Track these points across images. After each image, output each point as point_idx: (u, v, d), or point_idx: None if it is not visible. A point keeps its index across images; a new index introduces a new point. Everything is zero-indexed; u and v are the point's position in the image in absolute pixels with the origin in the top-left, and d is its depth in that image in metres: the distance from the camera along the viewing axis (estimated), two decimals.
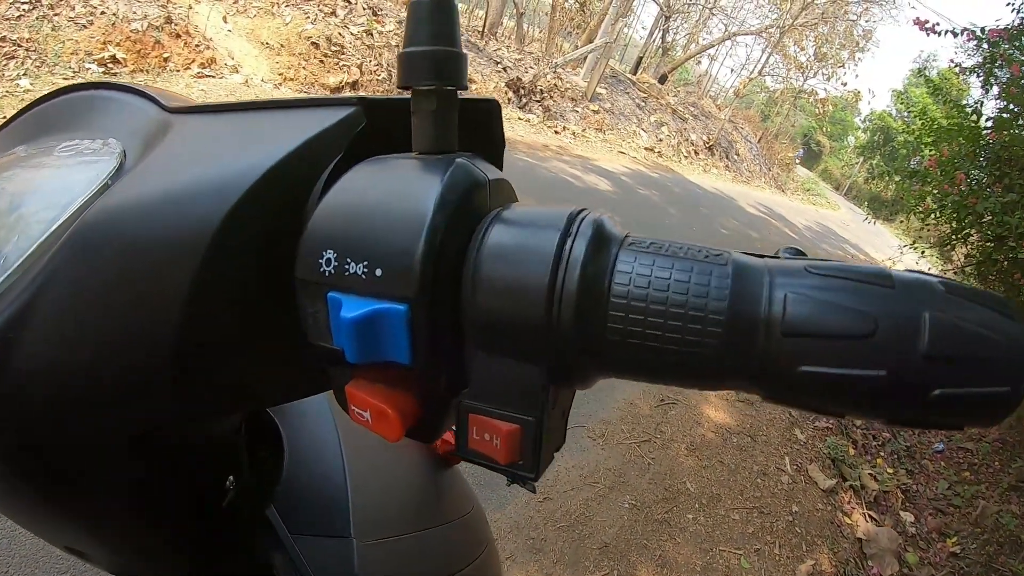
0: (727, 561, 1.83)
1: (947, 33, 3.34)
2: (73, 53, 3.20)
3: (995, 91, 3.29)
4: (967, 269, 3.55)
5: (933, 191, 3.49)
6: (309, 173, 0.24)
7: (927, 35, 3.30)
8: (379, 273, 0.21)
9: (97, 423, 0.25)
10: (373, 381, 0.24)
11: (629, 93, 11.21)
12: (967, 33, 3.20)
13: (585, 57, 9.88)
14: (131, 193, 0.24)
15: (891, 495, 2.51)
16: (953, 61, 3.63)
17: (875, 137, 28.24)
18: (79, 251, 0.23)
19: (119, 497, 0.28)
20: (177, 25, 3.78)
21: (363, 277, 0.22)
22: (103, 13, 3.45)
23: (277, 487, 0.38)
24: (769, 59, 17.45)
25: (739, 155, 14.68)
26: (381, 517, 0.43)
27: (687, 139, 12.03)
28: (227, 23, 4.34)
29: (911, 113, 3.98)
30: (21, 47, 2.98)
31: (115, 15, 3.48)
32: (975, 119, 3.32)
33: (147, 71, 3.50)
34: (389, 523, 0.43)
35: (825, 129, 30.75)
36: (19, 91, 2.77)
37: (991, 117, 3.25)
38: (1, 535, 1.10)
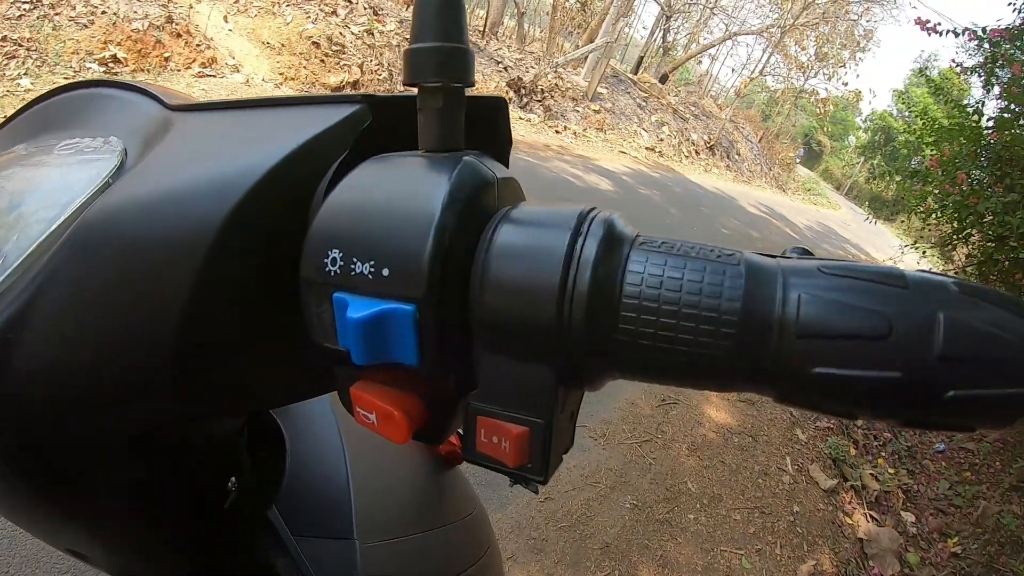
0: (728, 561, 1.83)
1: (948, 33, 3.35)
2: (74, 52, 3.20)
3: (996, 91, 3.30)
4: (968, 269, 3.54)
5: (934, 191, 3.49)
6: (313, 172, 0.24)
7: (928, 35, 3.31)
8: (386, 273, 0.21)
9: (97, 423, 0.24)
10: (379, 383, 0.23)
11: (630, 93, 11.19)
12: (968, 33, 3.21)
13: (586, 57, 9.87)
14: (132, 192, 0.24)
15: (892, 495, 2.51)
16: (954, 61, 3.65)
17: (876, 137, 28.28)
18: (79, 250, 0.23)
19: (119, 497, 0.27)
20: (178, 25, 3.78)
21: (370, 277, 0.21)
22: (104, 12, 3.45)
23: (279, 488, 0.38)
24: (770, 59, 17.50)
25: (740, 155, 14.66)
26: (384, 518, 0.43)
27: (688, 139, 12.02)
28: (228, 23, 4.34)
29: (912, 113, 3.98)
30: (22, 46, 2.98)
31: (116, 14, 3.48)
32: (976, 119, 3.32)
33: (148, 70, 3.50)
34: (392, 525, 0.43)
35: (826, 129, 30.75)
36: (20, 90, 2.77)
37: (992, 117, 3.25)
38: (1, 535, 1.10)
